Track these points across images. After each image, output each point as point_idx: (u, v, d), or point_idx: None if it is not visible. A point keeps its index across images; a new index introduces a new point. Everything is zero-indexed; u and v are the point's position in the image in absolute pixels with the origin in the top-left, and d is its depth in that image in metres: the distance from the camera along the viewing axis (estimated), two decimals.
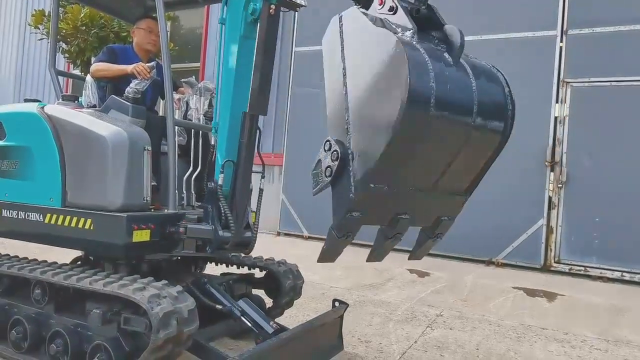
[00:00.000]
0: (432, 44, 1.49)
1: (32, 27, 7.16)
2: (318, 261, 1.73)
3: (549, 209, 5.55)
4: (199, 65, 8.42)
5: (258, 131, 2.33)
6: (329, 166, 1.41)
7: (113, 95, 2.59)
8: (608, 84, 5.33)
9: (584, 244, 5.36)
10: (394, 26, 1.47)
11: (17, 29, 10.57)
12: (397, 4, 1.52)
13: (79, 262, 2.80)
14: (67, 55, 7.04)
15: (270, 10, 2.21)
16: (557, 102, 5.55)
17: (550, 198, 5.57)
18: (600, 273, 5.22)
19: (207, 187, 2.30)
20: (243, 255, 2.75)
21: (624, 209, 5.12)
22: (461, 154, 1.55)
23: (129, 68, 2.62)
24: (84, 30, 6.69)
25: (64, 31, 6.69)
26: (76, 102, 2.63)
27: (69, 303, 2.32)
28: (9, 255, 2.69)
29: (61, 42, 7.00)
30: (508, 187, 5.55)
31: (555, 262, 5.49)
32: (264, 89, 2.29)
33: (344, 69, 1.47)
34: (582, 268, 5.34)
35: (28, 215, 2.41)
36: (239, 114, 2.26)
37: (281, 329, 2.38)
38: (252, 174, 2.41)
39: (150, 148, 2.32)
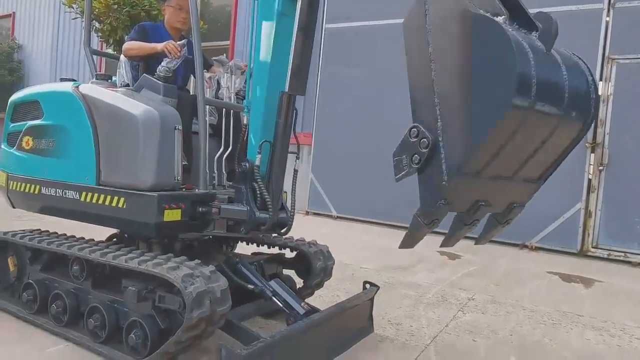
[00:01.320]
0: (522, 31, 1.41)
1: (67, 7, 7.25)
2: (400, 247, 1.70)
3: (589, 192, 5.34)
4: (228, 43, 8.39)
5: (295, 111, 2.28)
6: (416, 153, 1.37)
7: (145, 74, 2.59)
8: None
9: (624, 229, 5.14)
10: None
11: (52, 9, 10.75)
12: None
13: (115, 240, 2.87)
14: (100, 34, 7.11)
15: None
16: (600, 79, 5.27)
17: (590, 181, 5.35)
18: None
19: (239, 167, 2.28)
20: (274, 235, 2.74)
21: None
22: (547, 143, 1.49)
23: (159, 46, 2.60)
24: (116, 9, 6.73)
25: (97, 10, 6.76)
26: (109, 81, 2.64)
27: (106, 279, 2.37)
28: (48, 231, 2.77)
29: (94, 21, 7.09)
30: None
31: (592, 247, 5.30)
32: (304, 68, 2.22)
33: (431, 53, 1.39)
34: (622, 254, 5.14)
35: (65, 193, 2.46)
36: (276, 94, 2.21)
37: (312, 310, 2.37)
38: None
39: (181, 127, 2.31)
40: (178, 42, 2.61)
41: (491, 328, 3.10)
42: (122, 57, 2.95)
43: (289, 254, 3.00)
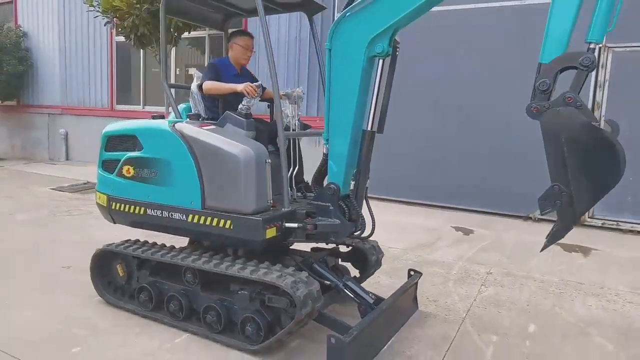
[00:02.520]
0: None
1: (87, 5, 7.47)
2: (542, 250, 2.42)
3: None
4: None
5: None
6: (558, 199, 2.18)
7: (228, 112, 3.09)
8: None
9: (617, 201, 5.81)
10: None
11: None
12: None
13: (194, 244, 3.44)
14: (121, 30, 7.39)
15: (397, 52, 2.64)
16: (599, 66, 5.78)
17: None
18: (632, 227, 5.72)
19: (327, 189, 2.79)
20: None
21: None
22: None
23: (239, 87, 3.08)
24: (137, 7, 7.00)
25: (118, 8, 7.03)
26: (200, 120, 3.13)
27: (212, 283, 2.96)
28: (147, 241, 3.33)
29: (115, 19, 7.35)
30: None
31: (589, 218, 5.99)
32: (384, 110, 2.77)
33: (565, 147, 2.16)
34: (615, 223, 5.84)
35: (172, 215, 3.00)
36: (355, 131, 2.74)
37: (378, 298, 3.00)
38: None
39: (269, 160, 2.84)
40: (255, 84, 3.09)
41: (510, 300, 3.77)
42: (193, 87, 3.43)
43: (343, 248, 3.60)
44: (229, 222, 2.78)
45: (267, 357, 2.71)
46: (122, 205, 3.23)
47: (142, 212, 3.14)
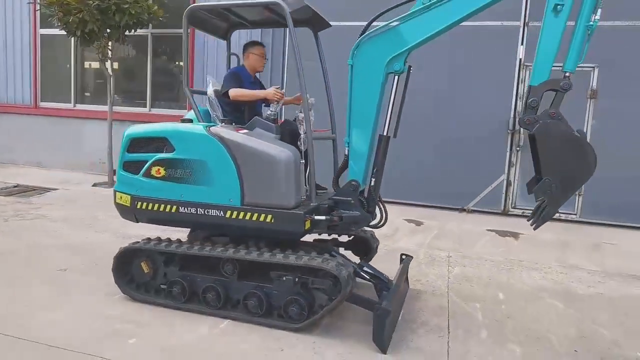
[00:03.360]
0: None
1: None
2: (536, 229, 3.00)
3: (509, 167, 7.09)
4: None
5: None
6: (549, 190, 2.85)
7: (257, 117, 3.41)
8: (556, 67, 6.74)
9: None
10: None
11: None
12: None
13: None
14: (65, 25, 7.07)
15: (411, 70, 3.16)
16: (518, 81, 6.92)
17: (510, 159, 7.09)
18: None
19: (348, 185, 3.25)
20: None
21: None
22: None
23: (266, 95, 3.42)
24: (89, 3, 6.78)
25: (65, 3, 6.74)
26: (233, 124, 3.39)
27: (248, 272, 3.26)
28: (170, 238, 3.51)
29: (56, 14, 7.01)
30: (478, 150, 7.01)
31: (512, 208, 7.12)
32: (399, 119, 3.29)
33: (553, 149, 2.87)
34: (531, 211, 7.01)
35: (207, 212, 3.24)
36: (376, 135, 3.23)
37: (390, 280, 3.52)
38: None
39: (302, 161, 3.23)
40: (278, 88, 3.44)
41: (475, 276, 4.54)
42: (211, 93, 3.67)
43: (343, 238, 4.07)
44: (270, 216, 3.12)
45: (307, 334, 3.09)
46: (150, 204, 3.38)
47: (173, 210, 3.32)
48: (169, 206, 3.34)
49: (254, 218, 3.15)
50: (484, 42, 6.89)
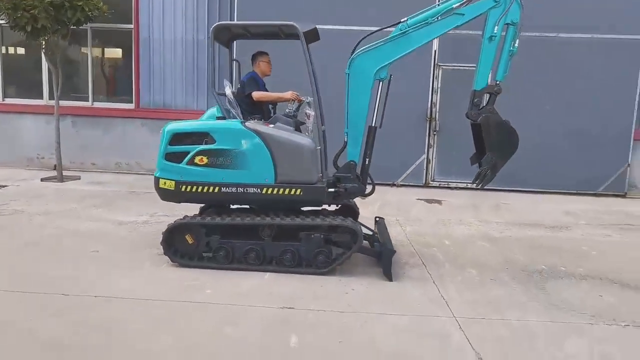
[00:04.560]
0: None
1: None
2: (482, 188, 4.31)
3: (428, 148, 8.72)
4: (132, 27, 8.86)
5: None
6: (491, 160, 4.15)
7: (277, 114, 4.33)
8: (462, 67, 8.47)
9: (447, 169, 8.73)
10: None
11: None
12: None
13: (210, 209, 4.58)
14: (14, 20, 7.02)
15: (391, 77, 4.29)
16: (433, 78, 8.52)
17: (429, 141, 8.72)
18: (456, 185, 8.71)
19: (338, 164, 4.34)
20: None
21: (472, 148, 8.54)
22: None
23: (287, 96, 4.35)
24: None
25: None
26: (262, 120, 4.25)
27: (278, 235, 4.21)
28: (218, 213, 4.30)
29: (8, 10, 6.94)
30: (405, 135, 8.51)
31: (431, 181, 8.79)
32: (384, 113, 4.42)
33: (492, 133, 4.22)
34: (446, 183, 8.75)
35: (247, 190, 4.11)
36: (366, 127, 4.35)
37: (376, 233, 4.70)
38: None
39: (320, 147, 4.24)
40: (296, 93, 4.39)
41: (422, 232, 5.93)
42: (229, 95, 4.48)
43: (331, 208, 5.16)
44: (299, 190, 4.11)
45: (331, 276, 4.15)
46: (195, 187, 4.14)
47: (216, 190, 4.13)
48: (212, 187, 4.13)
49: (286, 192, 4.11)
50: None
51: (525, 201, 8.06)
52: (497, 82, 4.32)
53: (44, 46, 7.63)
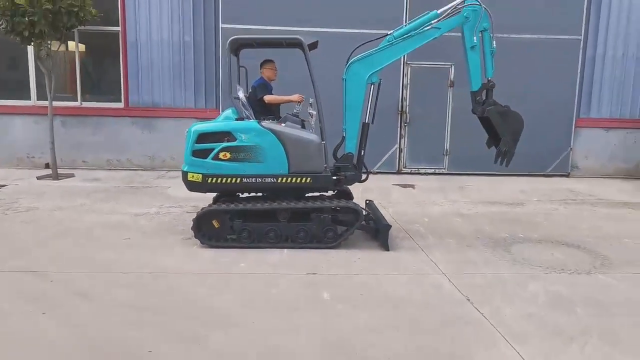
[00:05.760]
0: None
1: None
2: (507, 165, 5.19)
3: (400, 138, 9.67)
4: (119, 29, 9.21)
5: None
6: (508, 142, 5.04)
7: (287, 114, 5.07)
8: (428, 65, 9.44)
9: (417, 157, 9.72)
10: None
11: None
12: None
13: (223, 198, 5.29)
14: (11, 26, 7.31)
15: (381, 81, 5.11)
16: (403, 75, 9.45)
17: (400, 132, 9.67)
18: (425, 171, 9.72)
19: (338, 155, 5.15)
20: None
21: (438, 137, 9.58)
22: None
23: (294, 98, 5.09)
24: (38, 5, 7.21)
25: (18, 6, 7.05)
26: (275, 120, 4.97)
27: (292, 217, 4.97)
28: (226, 200, 5.00)
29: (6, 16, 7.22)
30: (379, 127, 9.37)
31: (403, 168, 9.76)
32: (375, 112, 5.23)
33: (501, 120, 5.06)
34: (416, 169, 9.75)
35: (265, 180, 4.85)
36: (360, 123, 5.16)
37: (369, 212, 5.55)
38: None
39: (325, 142, 5.02)
40: (301, 95, 5.14)
41: (404, 211, 6.85)
42: (241, 96, 5.17)
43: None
44: (309, 179, 4.89)
45: (339, 249, 4.96)
46: (220, 179, 4.83)
47: (238, 181, 4.84)
48: (234, 179, 4.84)
49: (298, 181, 4.88)
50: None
51: (485, 183, 9.17)
52: (489, 79, 5.18)
53: (41, 49, 7.92)
